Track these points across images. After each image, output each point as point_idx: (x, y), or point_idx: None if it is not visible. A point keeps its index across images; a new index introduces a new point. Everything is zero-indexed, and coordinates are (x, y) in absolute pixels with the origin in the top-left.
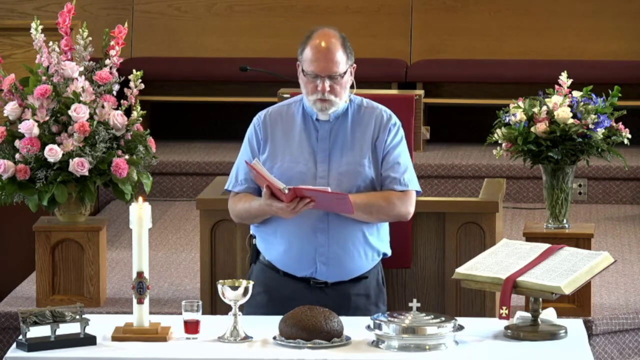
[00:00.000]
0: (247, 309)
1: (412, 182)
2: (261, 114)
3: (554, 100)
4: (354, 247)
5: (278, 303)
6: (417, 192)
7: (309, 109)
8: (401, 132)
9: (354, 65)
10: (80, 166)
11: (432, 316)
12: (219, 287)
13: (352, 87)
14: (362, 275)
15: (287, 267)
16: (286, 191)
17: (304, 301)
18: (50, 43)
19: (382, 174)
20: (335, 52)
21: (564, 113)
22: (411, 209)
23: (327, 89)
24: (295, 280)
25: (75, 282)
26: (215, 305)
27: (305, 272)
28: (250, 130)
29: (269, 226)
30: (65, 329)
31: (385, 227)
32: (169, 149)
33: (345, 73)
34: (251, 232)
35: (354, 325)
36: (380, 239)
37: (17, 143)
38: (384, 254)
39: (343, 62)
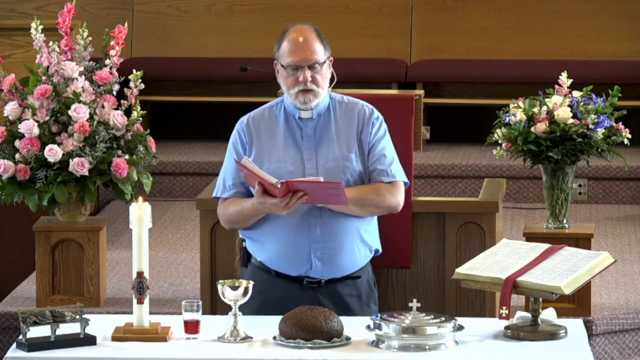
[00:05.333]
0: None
1: (399, 173)
2: (243, 119)
3: (554, 100)
4: (347, 242)
5: (270, 305)
6: (405, 184)
7: (291, 108)
8: (384, 126)
9: (332, 58)
10: (80, 166)
11: (432, 316)
12: (219, 287)
13: (332, 80)
14: (354, 275)
15: (280, 267)
16: (279, 185)
17: (296, 302)
18: (50, 43)
19: (369, 167)
20: (312, 43)
21: (564, 113)
22: (401, 200)
23: (309, 78)
24: (288, 281)
25: (75, 282)
26: (215, 305)
27: (300, 271)
28: (234, 136)
29: (259, 227)
30: (65, 329)
31: (374, 223)
32: (169, 149)
33: (324, 63)
34: (240, 235)
35: (354, 325)
36: (371, 235)
37: (17, 143)
38: (376, 251)
39: (321, 52)
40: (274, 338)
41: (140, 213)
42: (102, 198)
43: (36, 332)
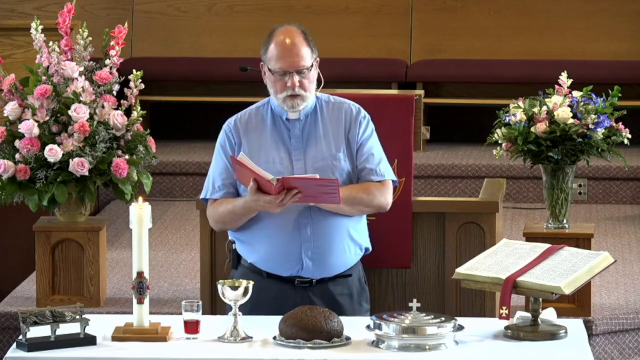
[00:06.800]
0: None
1: (388, 172)
2: (230, 120)
3: (554, 100)
4: (337, 241)
5: (262, 306)
6: (393, 182)
7: (278, 109)
8: (371, 125)
9: (318, 59)
10: (80, 166)
11: (432, 316)
12: (219, 287)
13: (319, 81)
14: (345, 274)
15: (271, 268)
16: (275, 182)
17: (288, 303)
18: (50, 43)
19: (358, 166)
20: (300, 47)
21: (564, 113)
22: (390, 199)
23: (297, 84)
24: (280, 281)
25: (75, 282)
26: (215, 305)
27: (291, 271)
28: (222, 137)
29: (249, 229)
30: (65, 329)
31: (364, 222)
32: (169, 149)
33: (312, 66)
34: (230, 237)
35: (354, 325)
36: (361, 233)
37: (17, 143)
38: (366, 249)
39: (308, 56)
40: (274, 338)
41: (140, 213)
42: (102, 198)
43: (36, 332)
